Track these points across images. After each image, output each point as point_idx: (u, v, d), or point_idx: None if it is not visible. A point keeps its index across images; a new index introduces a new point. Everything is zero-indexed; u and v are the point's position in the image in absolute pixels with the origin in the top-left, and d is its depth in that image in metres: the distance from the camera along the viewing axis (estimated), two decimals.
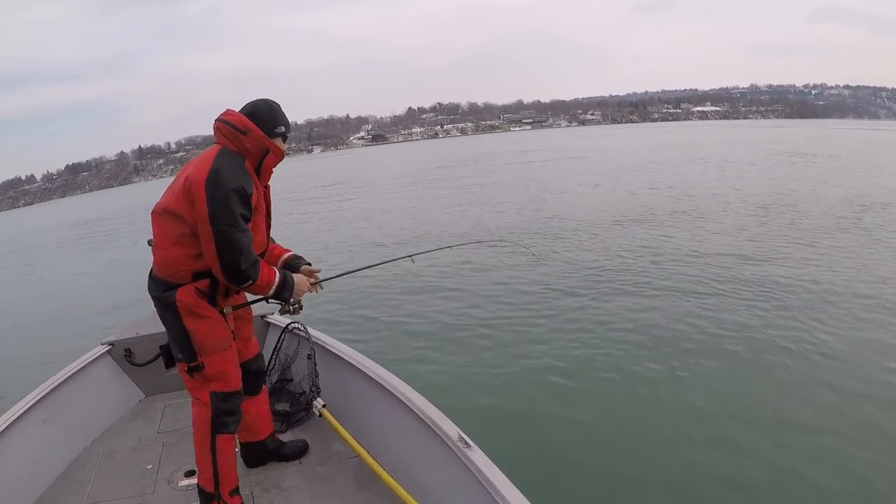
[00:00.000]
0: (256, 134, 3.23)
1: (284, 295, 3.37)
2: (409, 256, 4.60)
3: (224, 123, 3.25)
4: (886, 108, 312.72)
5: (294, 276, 3.46)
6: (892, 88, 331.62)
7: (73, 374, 4.66)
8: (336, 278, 4.02)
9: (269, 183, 3.51)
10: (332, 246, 17.77)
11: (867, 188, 20.42)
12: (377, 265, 4.38)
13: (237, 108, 3.33)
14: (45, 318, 14.31)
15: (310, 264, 3.77)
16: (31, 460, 3.89)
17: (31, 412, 4.09)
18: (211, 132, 3.28)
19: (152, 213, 3.25)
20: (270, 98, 3.43)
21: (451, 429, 3.26)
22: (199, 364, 3.29)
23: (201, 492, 3.38)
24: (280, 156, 3.37)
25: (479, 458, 2.98)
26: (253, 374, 3.74)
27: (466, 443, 3.10)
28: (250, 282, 3.17)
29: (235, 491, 3.43)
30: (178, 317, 3.23)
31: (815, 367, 6.93)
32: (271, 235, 3.75)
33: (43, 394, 4.27)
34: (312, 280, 3.63)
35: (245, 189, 3.11)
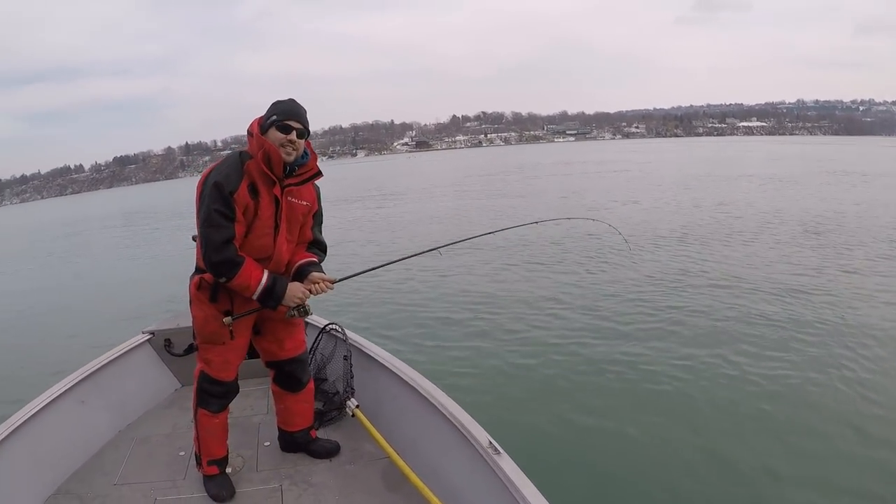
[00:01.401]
0: (255, 134, 3.33)
1: (269, 303, 3.38)
2: (436, 249, 4.74)
3: (247, 131, 3.41)
4: None
5: (290, 284, 3.46)
6: None
7: (113, 359, 4.79)
8: (360, 274, 4.09)
9: (296, 186, 3.48)
10: (365, 247, 17.87)
11: None
12: (400, 260, 4.37)
13: None
14: (88, 304, 14.80)
15: (322, 270, 3.73)
16: (67, 438, 4.00)
17: (69, 393, 4.22)
18: None
19: None
20: (293, 97, 3.44)
21: (481, 434, 3.27)
22: (196, 345, 3.61)
23: (194, 453, 3.73)
24: (273, 150, 3.26)
25: (507, 465, 2.98)
26: (287, 375, 3.87)
27: (496, 449, 3.11)
28: (224, 278, 3.26)
29: (214, 462, 3.65)
30: (190, 302, 3.54)
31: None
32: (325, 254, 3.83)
33: (83, 376, 4.40)
34: (313, 288, 3.56)
35: (224, 186, 3.18)
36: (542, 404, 6.78)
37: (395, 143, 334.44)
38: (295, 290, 3.45)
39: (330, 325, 5.00)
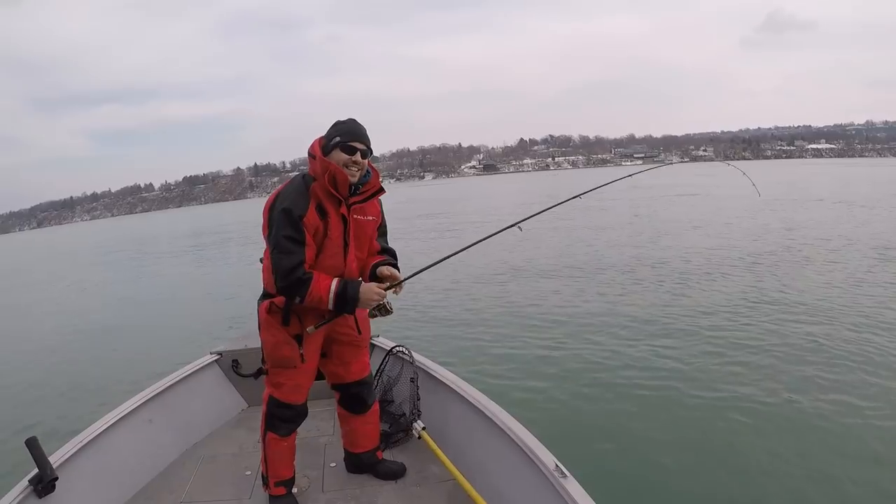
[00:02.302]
0: (318, 156, 3.35)
1: (346, 307, 3.37)
2: (516, 225, 4.36)
3: (308, 152, 3.43)
4: None
5: (362, 286, 3.41)
6: None
7: (181, 379, 4.87)
8: (427, 269, 3.84)
9: (361, 204, 3.51)
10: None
11: None
12: (467, 247, 4.16)
13: None
14: (158, 323, 15.05)
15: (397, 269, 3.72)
16: (136, 456, 4.06)
17: (138, 411, 4.30)
18: None
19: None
20: (353, 118, 3.46)
21: (547, 457, 3.23)
22: (266, 370, 3.63)
23: (261, 473, 3.77)
24: (339, 172, 3.30)
25: (574, 489, 2.95)
26: (352, 397, 3.89)
27: (563, 472, 3.07)
28: (298, 299, 3.30)
29: (281, 483, 3.69)
30: (259, 326, 3.57)
31: None
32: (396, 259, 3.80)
33: (151, 395, 4.49)
34: (385, 286, 3.50)
35: (292, 211, 3.22)
36: (610, 429, 6.67)
37: (463, 166, 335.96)
38: (369, 289, 3.42)
39: (397, 348, 5.01)
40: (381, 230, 3.78)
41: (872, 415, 6.63)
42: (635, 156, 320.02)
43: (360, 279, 3.54)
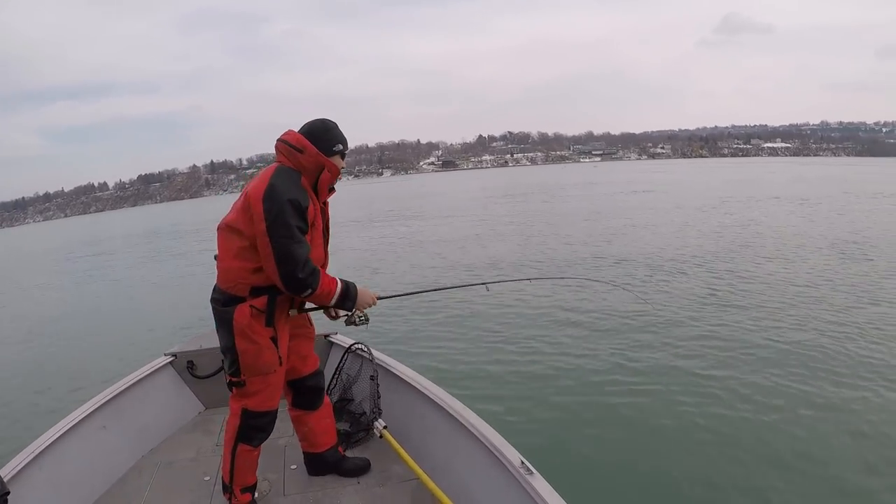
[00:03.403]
0: (311, 151, 3.33)
1: (347, 304, 3.43)
2: (484, 284, 4.53)
3: (283, 143, 3.37)
4: None
5: (360, 289, 3.48)
6: None
7: (135, 382, 4.72)
8: (409, 295, 4.00)
9: (327, 200, 3.60)
10: (398, 267, 17.89)
11: None
12: (447, 289, 4.28)
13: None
14: (110, 326, 14.69)
15: None
16: (90, 465, 3.92)
17: (91, 418, 4.14)
18: None
19: (217, 228, 3.41)
20: (328, 118, 3.52)
21: (512, 454, 3.19)
22: (241, 381, 3.42)
23: (222, 480, 3.59)
24: (335, 172, 3.45)
25: (541, 485, 2.91)
26: (309, 390, 3.82)
27: (529, 469, 3.03)
28: (310, 290, 3.24)
29: (247, 489, 3.59)
30: (231, 335, 3.33)
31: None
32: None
33: (104, 400, 4.33)
34: (378, 294, 3.67)
35: (300, 202, 3.21)
36: (574, 425, 6.70)
37: (422, 163, 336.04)
38: (365, 292, 3.53)
39: (356, 345, 4.93)
40: None
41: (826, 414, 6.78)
42: (594, 153, 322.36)
43: (355, 284, 3.52)
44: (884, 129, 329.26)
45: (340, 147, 3.46)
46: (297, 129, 3.45)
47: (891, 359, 8.17)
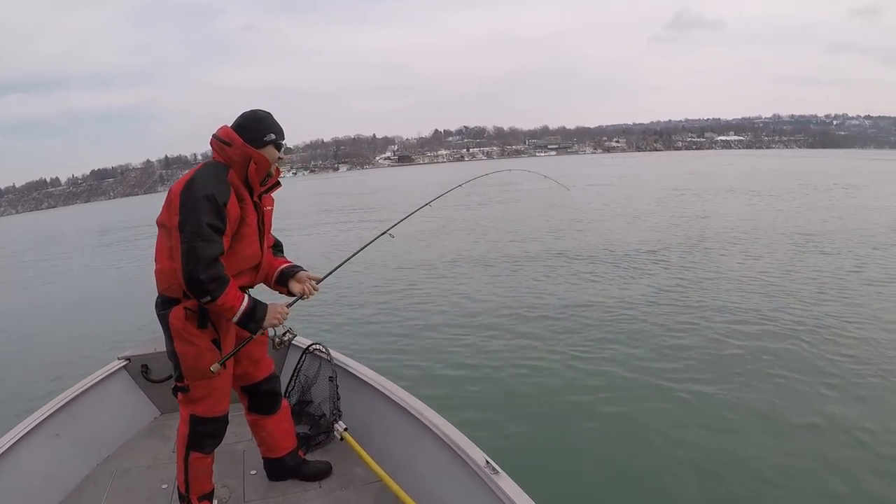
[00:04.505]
0: (238, 143, 3.23)
1: (251, 326, 3.24)
2: (386, 233, 4.59)
3: (214, 138, 3.30)
4: None
5: (269, 305, 3.32)
6: None
7: (88, 388, 4.59)
8: (340, 266, 4.01)
9: (268, 195, 3.53)
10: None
11: None
12: (356, 254, 4.16)
13: None
14: (61, 329, 14.22)
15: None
16: (43, 475, 3.81)
17: (43, 426, 4.02)
18: None
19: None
20: (262, 108, 3.41)
21: (477, 454, 3.18)
22: (185, 386, 3.36)
23: (178, 489, 3.52)
24: (264, 164, 3.31)
25: (507, 484, 2.90)
26: (265, 395, 3.76)
27: (494, 469, 3.02)
28: (209, 297, 3.05)
29: (205, 496, 3.55)
30: (170, 338, 3.28)
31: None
32: (283, 252, 3.82)
33: (56, 407, 4.21)
34: (305, 288, 3.58)
35: (216, 198, 3.08)
36: (538, 422, 6.69)
37: (378, 157, 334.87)
38: (274, 310, 3.33)
39: (314, 346, 4.88)
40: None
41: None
42: (549, 147, 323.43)
43: (265, 303, 3.35)
44: (834, 122, 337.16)
45: (273, 137, 3.35)
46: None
47: (843, 351, 8.33)
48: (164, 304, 3.28)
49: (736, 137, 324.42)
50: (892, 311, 10.05)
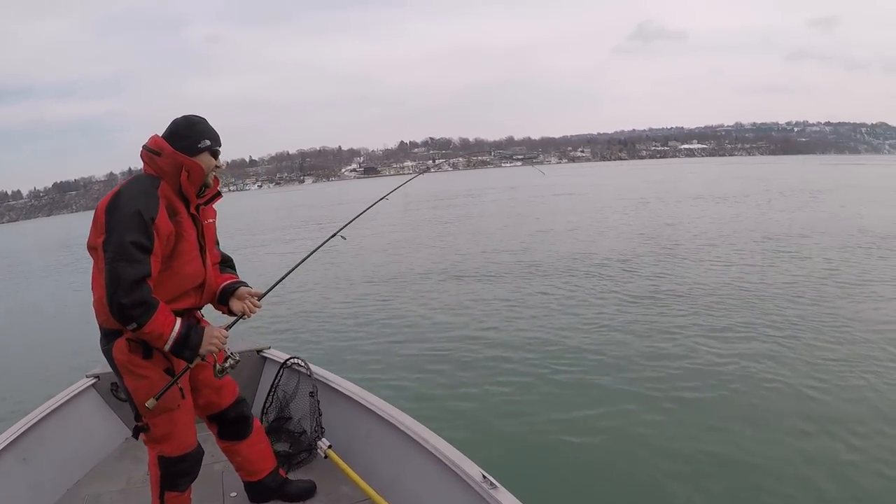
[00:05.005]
0: (167, 152, 2.96)
1: (185, 354, 2.91)
2: (338, 234, 4.06)
3: (144, 149, 3.03)
4: (866, 143, 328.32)
5: (206, 329, 3.03)
6: (872, 124, 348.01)
7: (56, 409, 4.34)
8: (283, 280, 3.63)
9: (210, 206, 3.28)
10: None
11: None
12: (310, 255, 3.91)
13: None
14: (24, 347, 13.73)
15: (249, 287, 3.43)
16: (9, 502, 3.59)
17: (9, 450, 3.78)
18: None
19: None
20: (196, 114, 3.16)
21: (472, 469, 3.03)
22: (145, 425, 3.09)
23: None
24: (198, 173, 3.01)
25: (507, 499, 2.77)
26: (234, 422, 3.51)
27: (492, 483, 2.87)
28: (134, 324, 2.74)
29: None
30: (119, 374, 3.04)
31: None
32: (235, 268, 3.56)
33: (22, 430, 3.95)
34: (245, 306, 3.27)
35: (142, 213, 2.78)
36: (528, 433, 6.57)
37: (343, 170, 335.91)
38: (210, 335, 3.01)
39: (292, 360, 4.70)
40: (216, 237, 3.48)
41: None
42: (515, 157, 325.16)
43: (203, 325, 3.11)
44: (795, 129, 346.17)
45: (208, 143, 3.06)
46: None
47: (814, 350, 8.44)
48: (106, 338, 3.01)
49: (699, 145, 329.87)
50: (867, 311, 10.21)
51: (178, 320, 2.91)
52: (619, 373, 8.03)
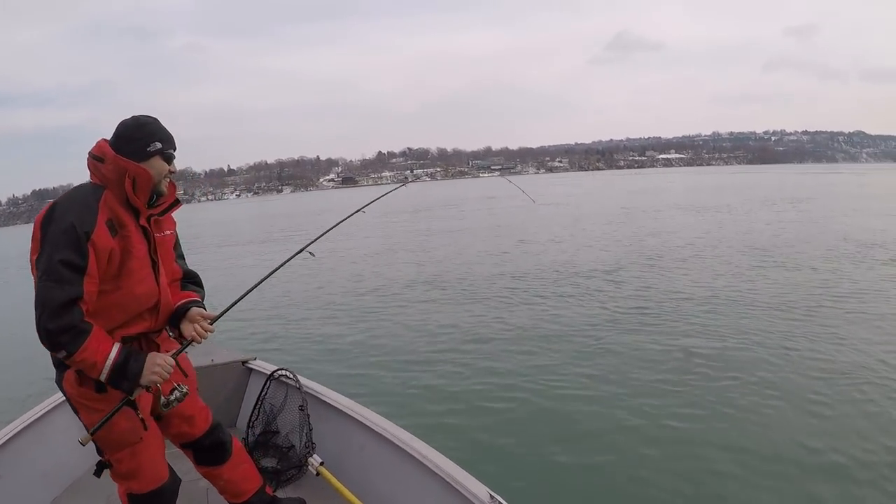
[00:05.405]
0: (110, 157, 2.66)
1: (124, 385, 2.60)
2: (305, 249, 3.70)
3: (89, 155, 2.75)
4: (843, 151, 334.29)
5: (148, 356, 2.68)
6: (848, 133, 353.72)
7: (31, 423, 4.16)
8: (239, 301, 3.17)
9: (166, 217, 2.98)
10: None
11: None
12: (275, 271, 3.65)
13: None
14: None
15: (204, 307, 3.07)
16: None
17: None
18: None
19: None
20: (148, 114, 2.85)
21: (479, 488, 2.86)
22: (107, 462, 2.85)
23: None
24: (147, 179, 2.70)
25: None
26: (210, 449, 3.25)
27: (500, 503, 2.72)
28: (63, 352, 2.47)
29: None
30: (73, 409, 2.78)
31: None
32: (202, 284, 3.24)
33: None
34: (195, 330, 2.89)
35: (76, 228, 2.49)
36: (531, 448, 6.40)
37: (321, 179, 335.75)
38: (153, 363, 2.67)
39: (279, 371, 4.53)
40: (178, 250, 3.16)
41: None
42: (493, 167, 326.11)
43: (144, 352, 2.74)
44: (772, 138, 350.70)
45: (159, 146, 2.74)
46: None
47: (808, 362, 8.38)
48: (57, 369, 2.74)
49: (677, 155, 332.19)
50: (859, 322, 10.14)
51: (115, 347, 2.60)
52: (621, 386, 7.89)
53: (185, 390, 2.85)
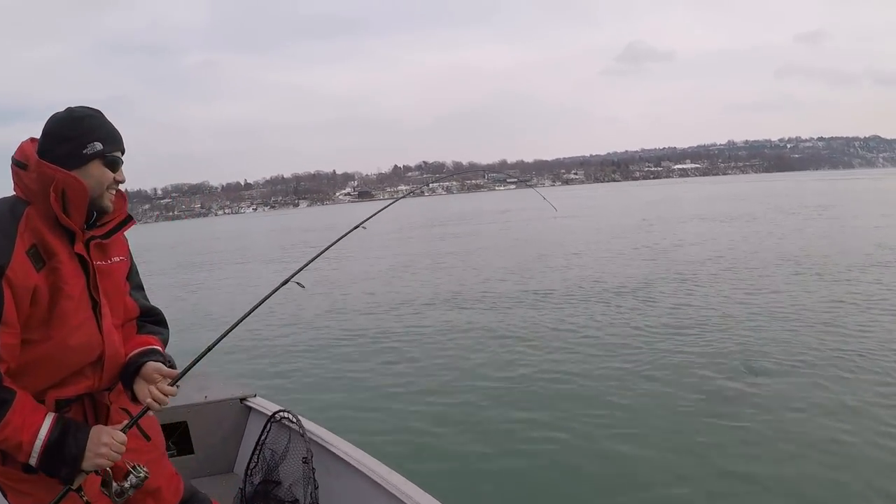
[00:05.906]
0: (33, 163, 2.00)
1: (62, 472, 1.93)
2: (291, 279, 2.81)
3: (11, 160, 2.07)
4: (860, 157, 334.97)
5: (93, 430, 2.01)
6: (865, 138, 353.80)
7: None
8: (212, 348, 2.37)
9: (122, 238, 2.30)
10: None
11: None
12: (261, 303, 2.90)
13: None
14: None
15: (168, 361, 2.28)
16: None
17: None
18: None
19: None
20: (89, 106, 2.15)
21: None
22: None
23: None
24: (82, 190, 2.00)
25: None
26: None
27: None
28: None
29: None
30: (2, 492, 2.09)
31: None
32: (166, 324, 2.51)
33: None
34: (153, 392, 2.12)
35: None
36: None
37: (338, 193, 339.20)
38: (97, 440, 1.98)
39: (281, 413, 3.91)
40: (134, 280, 2.44)
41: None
42: (508, 180, 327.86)
43: (88, 425, 2.06)
44: (788, 145, 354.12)
45: (99, 147, 2.06)
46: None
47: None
48: None
49: (692, 165, 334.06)
50: None
51: (48, 419, 1.95)
52: (648, 421, 7.23)
53: (143, 474, 2.10)
